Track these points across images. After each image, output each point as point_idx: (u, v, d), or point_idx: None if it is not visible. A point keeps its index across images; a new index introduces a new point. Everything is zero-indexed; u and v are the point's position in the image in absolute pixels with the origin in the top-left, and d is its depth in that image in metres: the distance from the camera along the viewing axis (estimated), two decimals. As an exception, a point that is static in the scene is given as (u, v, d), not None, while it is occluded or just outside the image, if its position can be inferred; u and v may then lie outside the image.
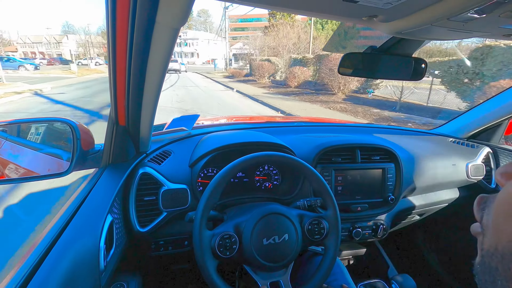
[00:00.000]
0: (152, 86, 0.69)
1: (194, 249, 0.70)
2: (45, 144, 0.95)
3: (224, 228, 0.74)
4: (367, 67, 0.83)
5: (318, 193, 0.84)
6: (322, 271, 0.77)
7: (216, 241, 0.70)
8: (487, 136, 1.47)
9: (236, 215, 0.81)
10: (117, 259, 0.77)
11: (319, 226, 0.79)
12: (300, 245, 0.76)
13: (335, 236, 0.80)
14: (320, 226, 0.79)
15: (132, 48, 0.56)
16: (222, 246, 0.71)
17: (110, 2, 0.48)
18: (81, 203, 0.72)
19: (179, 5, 0.48)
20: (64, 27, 68.14)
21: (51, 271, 0.54)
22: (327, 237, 0.79)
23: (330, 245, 0.79)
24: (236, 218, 0.79)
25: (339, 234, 0.80)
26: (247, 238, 0.72)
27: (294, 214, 0.79)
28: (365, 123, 1.69)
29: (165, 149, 1.04)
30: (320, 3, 0.49)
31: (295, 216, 0.78)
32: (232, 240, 0.72)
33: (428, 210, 1.39)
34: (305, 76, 13.79)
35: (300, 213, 0.81)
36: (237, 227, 0.75)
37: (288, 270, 0.78)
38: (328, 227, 0.79)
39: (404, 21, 0.54)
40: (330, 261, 0.78)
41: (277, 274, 0.76)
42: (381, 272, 1.39)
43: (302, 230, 0.78)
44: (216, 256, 0.70)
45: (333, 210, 0.80)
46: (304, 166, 0.81)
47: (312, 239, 0.78)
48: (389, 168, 1.16)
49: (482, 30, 0.57)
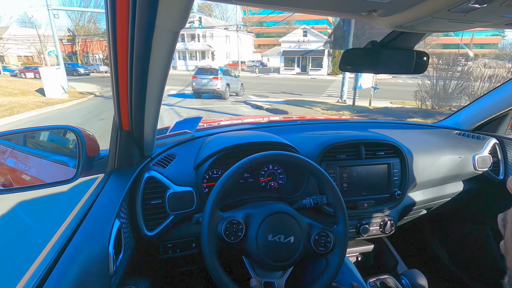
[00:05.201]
0: (154, 90, 0.70)
1: (201, 229, 0.70)
2: (51, 151, 0.96)
3: (234, 214, 0.75)
4: (369, 63, 0.83)
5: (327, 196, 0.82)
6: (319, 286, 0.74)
7: (223, 225, 0.71)
8: (493, 128, 1.45)
9: (248, 207, 0.81)
10: (126, 263, 0.78)
11: (326, 238, 0.76)
12: (302, 251, 0.74)
13: (340, 252, 0.77)
14: (327, 239, 0.76)
15: (133, 53, 0.57)
16: (228, 229, 0.71)
17: (110, 8, 0.49)
18: (89, 209, 0.73)
19: (178, 8, 0.48)
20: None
21: (61, 277, 0.55)
22: (331, 251, 0.77)
23: (333, 261, 0.76)
24: (248, 208, 0.79)
25: (345, 252, 0.77)
26: (254, 229, 0.72)
27: (304, 221, 0.78)
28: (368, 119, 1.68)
29: (170, 152, 1.05)
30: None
31: (305, 222, 0.78)
32: (239, 227, 0.72)
33: (436, 203, 1.38)
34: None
35: (311, 223, 0.79)
36: (247, 216, 0.75)
37: (286, 274, 0.77)
38: (334, 241, 0.77)
39: (404, 14, 0.53)
40: (330, 277, 0.75)
41: (274, 275, 0.75)
42: (390, 268, 1.38)
43: (308, 238, 0.76)
44: (220, 239, 0.71)
45: (343, 227, 0.78)
46: (310, 164, 0.81)
47: (316, 250, 0.76)
48: (395, 163, 1.15)
49: (484, 20, 0.57)
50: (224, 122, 1.72)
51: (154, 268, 1.06)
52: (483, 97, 1.45)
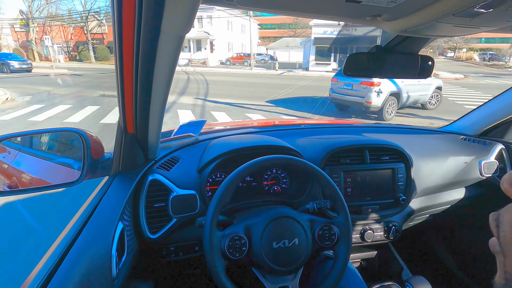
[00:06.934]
0: (159, 93, 0.70)
1: (204, 249, 0.70)
2: (56, 153, 0.97)
3: (234, 230, 0.74)
4: (373, 67, 0.83)
5: (328, 197, 0.83)
6: (332, 279, 0.75)
7: (226, 242, 0.70)
8: (499, 133, 1.43)
9: (246, 218, 0.81)
10: (129, 266, 0.78)
11: (330, 232, 0.77)
12: (310, 250, 0.75)
13: (346, 243, 0.78)
14: (331, 232, 0.77)
15: (138, 57, 0.57)
16: (231, 247, 0.70)
17: (116, 13, 0.49)
18: (93, 211, 0.73)
19: (183, 13, 0.48)
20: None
21: (65, 279, 0.55)
22: (337, 243, 0.78)
23: (341, 252, 0.77)
24: (246, 220, 0.78)
25: (350, 241, 0.78)
26: (257, 240, 0.72)
27: (304, 219, 0.78)
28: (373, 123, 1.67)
29: (173, 155, 1.05)
30: (323, 5, 0.49)
31: (305, 220, 0.78)
32: (242, 241, 0.71)
33: (441, 209, 1.36)
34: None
35: (311, 218, 0.80)
36: (247, 229, 0.75)
37: (298, 275, 0.77)
38: (339, 233, 0.78)
39: (409, 19, 0.53)
40: (340, 269, 0.76)
41: (286, 278, 0.75)
42: (395, 274, 1.36)
43: (312, 235, 0.77)
44: (225, 257, 0.70)
45: (344, 217, 0.79)
46: (313, 168, 0.81)
47: (323, 245, 0.77)
48: (399, 167, 1.14)
49: (490, 25, 0.56)
50: (227, 126, 1.72)
51: (157, 271, 1.06)
52: (489, 102, 1.43)
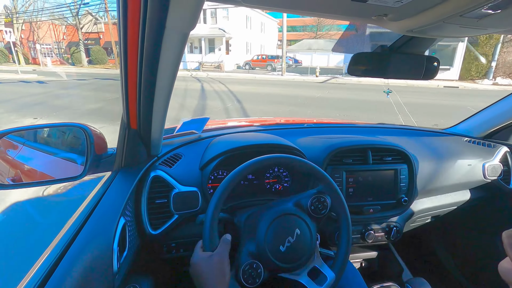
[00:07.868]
0: (163, 90, 0.70)
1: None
2: (60, 148, 0.98)
3: (244, 260, 0.71)
4: (378, 67, 0.82)
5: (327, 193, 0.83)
6: (344, 239, 0.78)
7: (240, 274, 0.68)
8: (504, 136, 1.42)
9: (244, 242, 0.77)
10: (130, 261, 0.78)
11: (321, 201, 0.78)
12: (313, 229, 0.75)
13: (340, 203, 0.79)
14: (321, 200, 0.78)
15: (143, 54, 0.57)
16: (248, 276, 0.68)
17: (122, 10, 0.50)
18: (95, 206, 0.74)
19: (188, 9, 0.48)
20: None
21: (66, 274, 0.55)
22: (333, 207, 0.79)
23: (340, 211, 0.79)
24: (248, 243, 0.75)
25: (342, 198, 0.80)
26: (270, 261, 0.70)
27: (291, 206, 0.78)
28: (376, 124, 1.66)
29: (176, 152, 1.05)
30: (329, 3, 0.49)
31: (293, 207, 0.78)
32: (254, 266, 0.69)
33: (443, 211, 1.36)
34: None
35: (296, 199, 0.80)
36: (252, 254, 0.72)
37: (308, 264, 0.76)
38: (330, 200, 0.79)
39: (415, 19, 0.53)
40: (347, 224, 0.78)
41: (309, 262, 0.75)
42: (395, 275, 1.36)
43: (307, 213, 0.77)
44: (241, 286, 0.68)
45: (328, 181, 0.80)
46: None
47: (320, 216, 0.77)
48: (402, 168, 1.14)
49: (497, 27, 0.56)
50: (230, 123, 1.72)
51: (157, 267, 1.07)
52: (494, 104, 1.42)
